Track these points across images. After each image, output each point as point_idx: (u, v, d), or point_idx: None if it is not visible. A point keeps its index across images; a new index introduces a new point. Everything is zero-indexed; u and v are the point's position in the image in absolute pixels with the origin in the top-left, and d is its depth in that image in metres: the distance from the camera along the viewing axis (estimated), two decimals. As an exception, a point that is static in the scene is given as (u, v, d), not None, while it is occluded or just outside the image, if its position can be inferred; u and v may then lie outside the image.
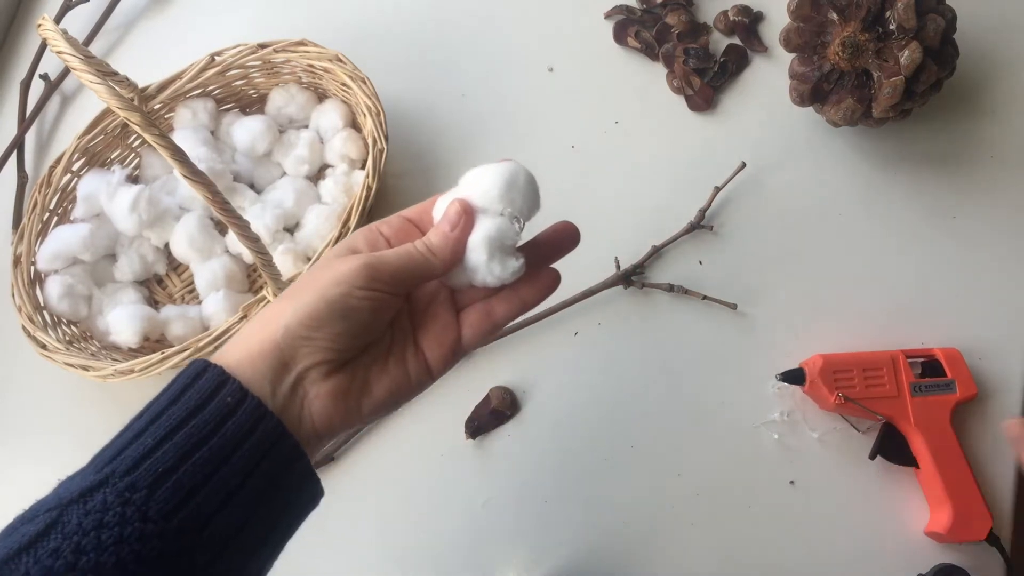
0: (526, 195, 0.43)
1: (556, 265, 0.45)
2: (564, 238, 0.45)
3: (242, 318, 0.61)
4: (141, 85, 0.69)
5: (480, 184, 0.42)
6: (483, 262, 0.42)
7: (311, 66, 0.71)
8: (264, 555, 0.37)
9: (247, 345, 0.38)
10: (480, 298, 0.44)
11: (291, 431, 0.37)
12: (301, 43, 0.70)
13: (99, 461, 0.34)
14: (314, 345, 0.38)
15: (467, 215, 0.41)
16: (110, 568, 0.31)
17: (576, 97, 0.76)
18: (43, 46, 0.80)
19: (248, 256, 0.69)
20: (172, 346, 0.63)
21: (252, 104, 0.76)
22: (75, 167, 0.70)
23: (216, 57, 0.70)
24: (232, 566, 0.35)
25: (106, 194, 0.68)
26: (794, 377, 0.62)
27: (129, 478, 0.33)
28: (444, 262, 0.41)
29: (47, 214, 0.69)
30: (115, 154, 0.72)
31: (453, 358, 0.43)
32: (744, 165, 0.69)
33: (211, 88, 0.73)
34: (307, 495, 0.38)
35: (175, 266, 0.73)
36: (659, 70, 0.76)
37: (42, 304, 0.67)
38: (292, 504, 0.38)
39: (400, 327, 0.43)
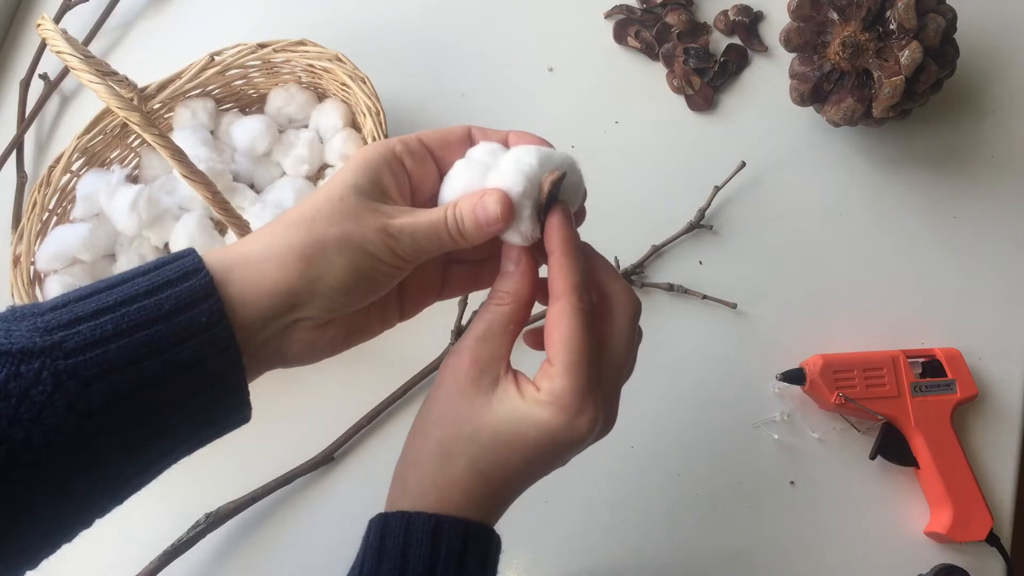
0: (576, 194, 0.45)
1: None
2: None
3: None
4: (141, 85, 0.69)
5: (533, 167, 0.42)
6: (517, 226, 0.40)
7: (311, 66, 0.71)
8: (164, 464, 0.36)
9: (260, 275, 0.36)
10: (471, 259, 0.44)
11: (259, 357, 0.37)
12: (301, 43, 0.70)
13: (56, 317, 0.33)
14: (326, 304, 0.37)
15: (506, 223, 0.39)
16: (16, 441, 0.30)
17: (576, 97, 0.76)
18: (43, 46, 0.79)
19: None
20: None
21: (252, 104, 0.76)
22: (74, 167, 0.70)
23: (216, 57, 0.70)
24: (133, 470, 0.34)
25: (105, 194, 0.68)
26: (794, 377, 0.62)
27: (72, 361, 0.31)
28: (468, 246, 0.40)
29: (46, 214, 0.68)
30: (115, 154, 0.72)
31: (424, 308, 0.44)
32: (744, 165, 0.69)
33: (211, 88, 0.73)
34: (232, 420, 0.37)
35: (175, 266, 0.72)
36: (659, 70, 0.76)
37: (42, 304, 0.67)
38: (214, 427, 0.37)
39: None
